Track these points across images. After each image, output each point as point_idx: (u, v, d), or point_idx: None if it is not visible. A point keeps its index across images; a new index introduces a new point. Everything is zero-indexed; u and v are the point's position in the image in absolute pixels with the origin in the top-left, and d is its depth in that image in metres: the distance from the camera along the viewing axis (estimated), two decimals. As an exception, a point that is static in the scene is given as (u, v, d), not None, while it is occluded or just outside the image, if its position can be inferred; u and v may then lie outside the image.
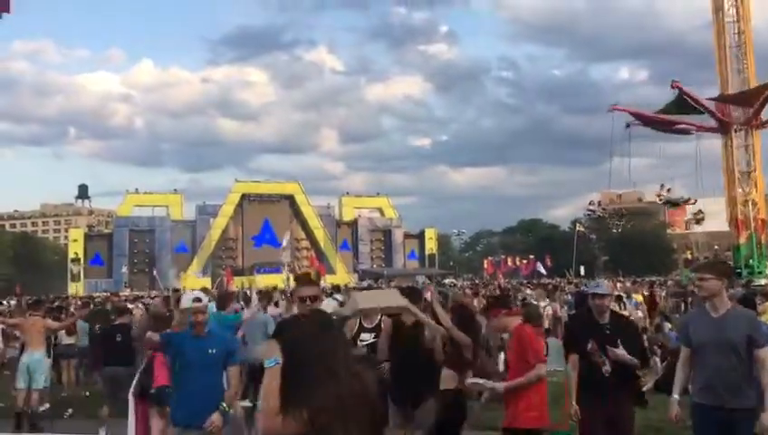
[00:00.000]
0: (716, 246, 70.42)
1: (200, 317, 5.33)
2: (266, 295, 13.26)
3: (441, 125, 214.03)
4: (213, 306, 15.08)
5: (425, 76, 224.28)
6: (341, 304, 13.78)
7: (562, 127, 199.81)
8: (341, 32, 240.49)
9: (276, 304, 12.64)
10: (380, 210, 76.39)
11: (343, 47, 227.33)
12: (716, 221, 53.36)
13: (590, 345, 5.40)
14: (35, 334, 9.42)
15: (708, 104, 41.76)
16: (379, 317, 6.95)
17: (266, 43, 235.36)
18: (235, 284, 32.68)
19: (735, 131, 42.62)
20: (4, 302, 25.03)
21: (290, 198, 70.15)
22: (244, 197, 68.63)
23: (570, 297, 18.74)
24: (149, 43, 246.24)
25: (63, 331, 11.85)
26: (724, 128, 42.67)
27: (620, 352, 5.30)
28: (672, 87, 40.40)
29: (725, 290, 4.91)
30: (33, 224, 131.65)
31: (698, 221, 47.43)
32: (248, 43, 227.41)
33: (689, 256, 55.46)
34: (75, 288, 57.02)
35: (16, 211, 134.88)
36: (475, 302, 15.67)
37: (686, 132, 44.35)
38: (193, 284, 46.15)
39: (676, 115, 42.59)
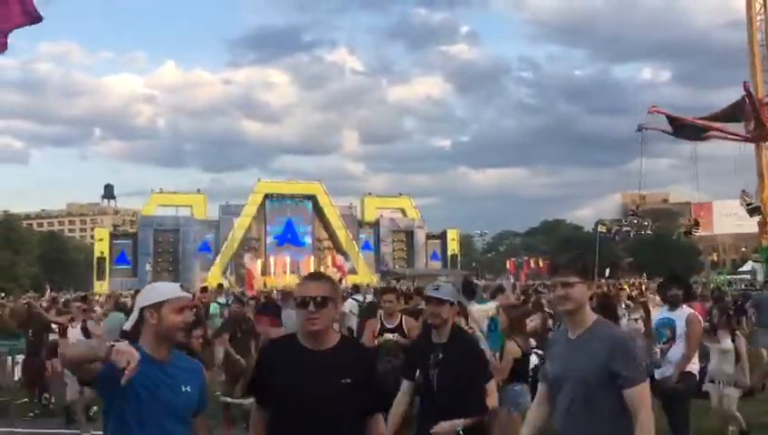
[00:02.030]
0: (744, 248, 69.38)
1: (183, 319, 2.92)
2: (289, 296, 13.27)
3: (462, 126, 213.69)
4: (216, 307, 15.08)
5: (445, 77, 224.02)
6: (361, 304, 13.76)
7: (584, 127, 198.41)
8: (362, 32, 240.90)
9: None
10: (403, 211, 76.27)
11: (364, 48, 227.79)
12: (745, 223, 52.60)
13: (416, 376, 4.11)
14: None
15: (711, 123, 41.18)
16: (399, 317, 6.88)
17: (287, 45, 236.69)
18: (257, 283, 32.82)
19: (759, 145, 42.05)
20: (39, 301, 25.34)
21: (312, 199, 70.32)
22: (266, 197, 68.94)
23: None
24: (172, 44, 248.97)
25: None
26: (763, 136, 42.02)
27: (447, 426, 3.88)
28: (744, 89, 39.36)
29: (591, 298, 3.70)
30: (60, 223, 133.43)
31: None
32: (269, 44, 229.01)
33: (715, 258, 54.72)
34: (101, 287, 57.66)
35: (43, 211, 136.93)
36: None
37: (708, 139, 43.68)
38: (216, 282, 46.39)
39: (721, 122, 41.80)
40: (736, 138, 43.01)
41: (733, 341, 7.80)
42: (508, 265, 68.08)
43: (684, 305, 6.68)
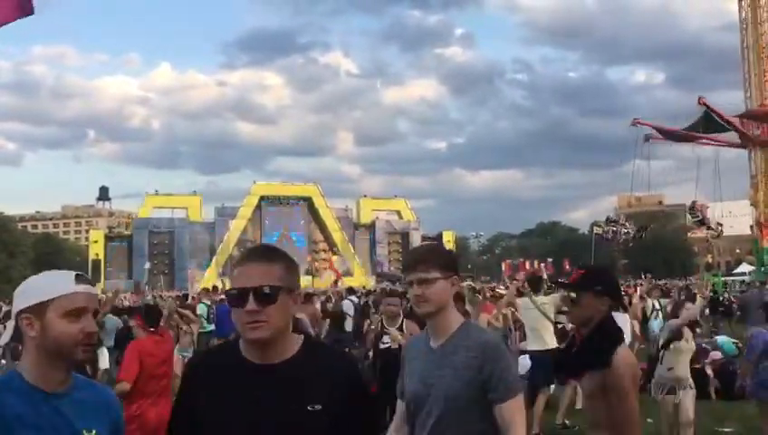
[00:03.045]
0: (738, 250, 69.61)
1: (82, 328, 1.91)
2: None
3: (457, 128, 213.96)
4: (204, 308, 15.01)
5: (440, 79, 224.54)
6: (356, 306, 13.71)
7: (579, 129, 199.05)
8: (356, 35, 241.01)
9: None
10: (398, 213, 76.31)
11: (358, 50, 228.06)
12: (738, 225, 52.81)
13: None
14: None
15: (734, 121, 41.38)
16: (401, 319, 6.84)
17: (281, 47, 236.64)
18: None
19: (760, 148, 42.33)
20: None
21: (308, 201, 70.30)
22: (262, 199, 68.88)
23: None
24: (166, 46, 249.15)
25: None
26: (749, 143, 42.30)
27: None
28: (699, 103, 39.74)
29: (459, 299, 3.05)
30: (55, 225, 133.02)
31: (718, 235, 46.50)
32: (264, 46, 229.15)
33: (710, 260, 54.87)
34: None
35: (38, 212, 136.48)
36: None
37: (705, 144, 43.99)
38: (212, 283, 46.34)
39: (700, 133, 42.10)
40: (727, 145, 43.37)
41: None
42: (503, 268, 68.10)
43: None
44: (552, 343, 8.45)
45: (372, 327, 7.52)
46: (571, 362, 3.35)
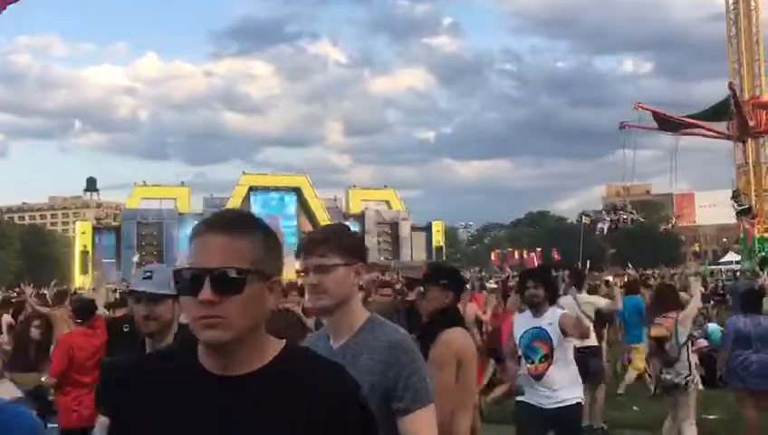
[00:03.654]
0: (724, 239, 70.17)
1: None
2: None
3: (445, 118, 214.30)
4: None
5: (428, 69, 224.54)
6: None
7: (567, 119, 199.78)
8: (344, 24, 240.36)
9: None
10: (388, 203, 76.33)
11: (347, 39, 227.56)
12: (724, 214, 53.20)
13: None
14: (64, 325, 9.52)
15: (694, 120, 42.04)
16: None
17: (270, 36, 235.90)
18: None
19: (751, 138, 42.86)
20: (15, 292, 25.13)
21: (297, 191, 70.23)
22: (251, 189, 68.76)
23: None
24: (153, 36, 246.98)
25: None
26: (734, 135, 42.84)
27: None
28: (636, 108, 40.41)
29: (367, 289, 2.70)
30: (42, 216, 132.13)
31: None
32: (252, 35, 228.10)
33: (697, 249, 55.34)
34: (83, 281, 57.26)
35: (25, 204, 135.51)
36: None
37: (689, 134, 44.45)
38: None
39: (702, 120, 42.60)
40: (718, 135, 43.75)
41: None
42: (492, 257, 68.33)
43: (550, 308, 5.11)
44: (592, 341, 8.57)
45: None
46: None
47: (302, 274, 2.30)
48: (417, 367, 2.18)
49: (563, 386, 4.97)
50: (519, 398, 5.17)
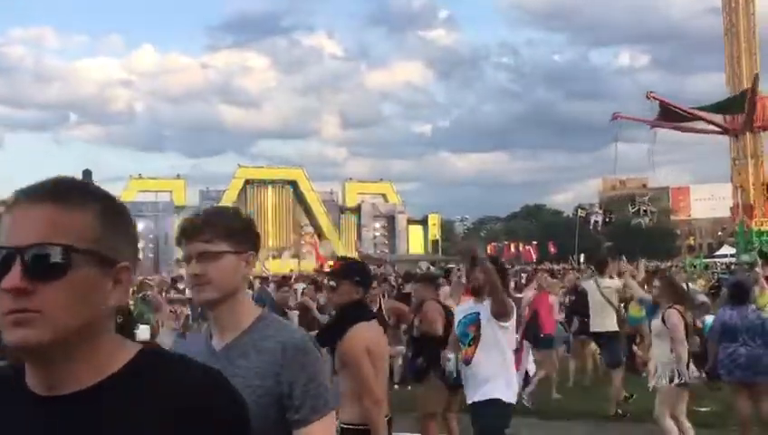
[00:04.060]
0: (719, 232, 70.40)
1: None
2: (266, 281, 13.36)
3: (442, 111, 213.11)
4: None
5: (425, 62, 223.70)
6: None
7: (564, 112, 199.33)
8: (340, 17, 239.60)
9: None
10: (384, 196, 76.32)
11: (343, 32, 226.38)
12: (719, 207, 53.36)
13: None
14: None
15: (700, 113, 41.89)
16: (379, 302, 6.93)
17: (265, 28, 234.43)
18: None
19: (743, 134, 42.95)
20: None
21: (293, 184, 70.18)
22: (247, 182, 68.70)
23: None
24: (149, 28, 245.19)
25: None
26: (731, 130, 42.91)
27: None
28: (648, 98, 40.09)
29: (250, 278, 2.33)
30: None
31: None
32: (247, 28, 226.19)
33: (692, 242, 55.47)
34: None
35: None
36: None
37: (684, 130, 44.52)
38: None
39: (713, 112, 42.61)
40: (718, 128, 43.85)
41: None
42: (489, 250, 68.47)
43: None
44: (611, 326, 8.64)
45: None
46: (324, 338, 3.82)
47: (184, 261, 1.97)
48: (316, 372, 1.86)
49: (487, 378, 4.59)
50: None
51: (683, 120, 42.47)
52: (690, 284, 14.51)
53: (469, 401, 4.69)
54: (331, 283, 3.77)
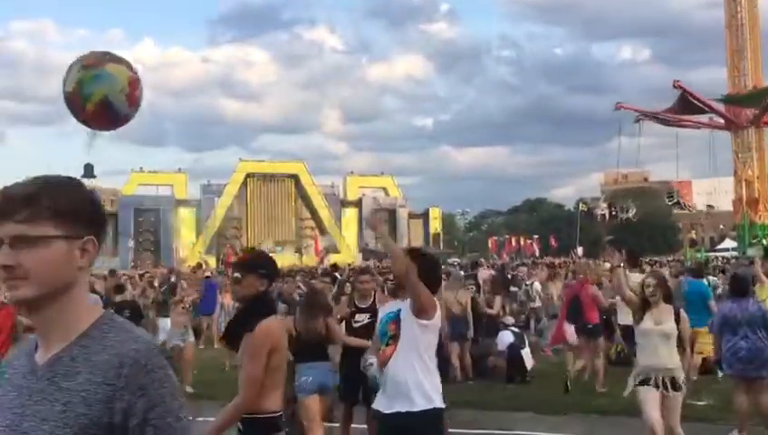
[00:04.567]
0: (722, 226, 70.27)
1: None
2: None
3: (443, 105, 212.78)
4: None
5: (426, 56, 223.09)
6: (339, 283, 13.75)
7: (565, 106, 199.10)
8: (341, 11, 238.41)
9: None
10: (385, 190, 76.29)
11: (343, 26, 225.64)
12: (722, 201, 53.25)
13: None
14: None
15: (716, 106, 41.87)
16: (373, 296, 6.88)
17: (266, 22, 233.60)
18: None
19: (743, 128, 42.89)
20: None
21: (294, 178, 70.15)
22: (248, 176, 68.66)
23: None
24: (149, 22, 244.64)
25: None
26: (733, 125, 42.83)
27: None
28: (674, 87, 40.22)
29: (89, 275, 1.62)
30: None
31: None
32: (248, 22, 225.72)
33: (694, 236, 55.39)
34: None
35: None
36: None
37: (694, 127, 44.48)
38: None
39: (683, 115, 42.65)
40: (714, 126, 43.85)
41: (677, 322, 5.80)
42: (490, 244, 68.44)
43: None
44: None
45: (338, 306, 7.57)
46: (229, 332, 3.87)
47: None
48: (162, 396, 1.40)
49: (407, 383, 3.84)
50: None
51: (698, 113, 42.46)
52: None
53: (388, 411, 3.88)
54: (236, 275, 3.73)
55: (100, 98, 3.17)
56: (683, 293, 9.97)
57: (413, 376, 3.85)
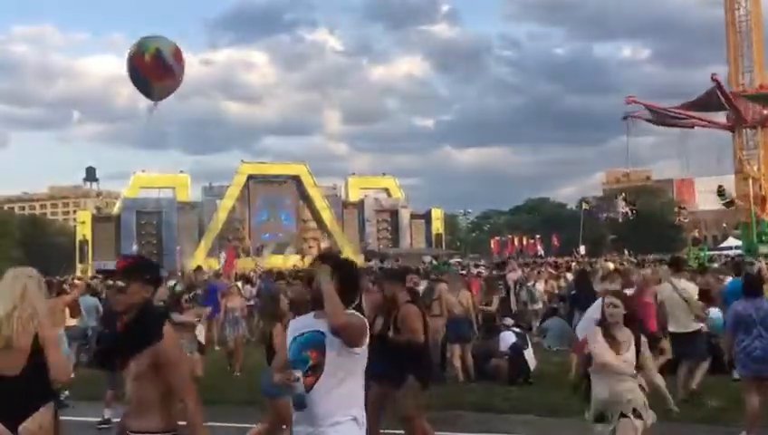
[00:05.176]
0: (724, 224, 70.10)
1: None
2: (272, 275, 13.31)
3: (444, 105, 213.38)
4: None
5: (426, 56, 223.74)
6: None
7: (566, 106, 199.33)
8: (341, 12, 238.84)
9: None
10: (387, 191, 76.19)
11: (344, 28, 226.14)
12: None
13: None
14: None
15: (740, 104, 41.98)
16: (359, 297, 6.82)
17: (267, 25, 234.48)
18: (240, 265, 32.75)
19: (746, 128, 42.95)
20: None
21: (296, 179, 70.09)
22: (250, 178, 68.60)
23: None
24: (151, 25, 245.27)
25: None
26: (739, 122, 42.89)
27: None
28: (712, 80, 40.32)
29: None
30: (42, 206, 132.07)
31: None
32: (249, 24, 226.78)
33: (697, 234, 55.28)
34: (83, 270, 57.30)
35: (25, 193, 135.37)
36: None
37: (689, 126, 44.58)
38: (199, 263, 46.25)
39: (697, 110, 42.77)
40: (717, 126, 43.81)
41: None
42: (492, 244, 68.33)
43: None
44: (689, 325, 8.60)
45: None
46: (122, 346, 3.41)
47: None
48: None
49: (328, 419, 3.42)
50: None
51: (713, 110, 42.57)
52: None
53: None
54: (119, 283, 3.42)
55: (155, 50, 4.17)
56: (723, 292, 9.90)
57: (339, 411, 3.44)
